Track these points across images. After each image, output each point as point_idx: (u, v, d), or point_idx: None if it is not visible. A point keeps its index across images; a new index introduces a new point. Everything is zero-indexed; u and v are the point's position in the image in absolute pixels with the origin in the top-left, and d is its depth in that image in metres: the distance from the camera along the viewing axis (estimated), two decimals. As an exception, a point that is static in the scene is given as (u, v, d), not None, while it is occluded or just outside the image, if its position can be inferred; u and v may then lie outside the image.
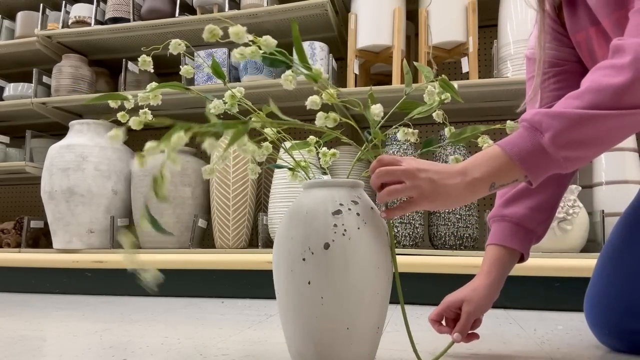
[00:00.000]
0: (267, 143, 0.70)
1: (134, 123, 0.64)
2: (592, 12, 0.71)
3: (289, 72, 0.61)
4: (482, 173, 0.60)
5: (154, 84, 0.66)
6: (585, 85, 0.59)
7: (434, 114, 0.71)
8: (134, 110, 0.67)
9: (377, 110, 0.63)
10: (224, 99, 0.67)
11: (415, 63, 0.76)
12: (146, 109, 0.66)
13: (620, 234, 0.79)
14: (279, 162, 0.75)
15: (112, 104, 0.66)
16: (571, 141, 0.57)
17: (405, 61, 0.71)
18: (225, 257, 1.47)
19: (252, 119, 0.59)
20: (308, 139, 0.74)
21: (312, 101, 0.62)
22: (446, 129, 0.72)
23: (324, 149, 0.75)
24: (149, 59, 0.65)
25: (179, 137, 0.50)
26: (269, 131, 0.69)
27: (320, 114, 0.62)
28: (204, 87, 1.67)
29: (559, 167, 0.59)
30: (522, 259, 0.81)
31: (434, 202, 0.61)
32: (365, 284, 0.61)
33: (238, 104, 0.67)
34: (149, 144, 0.51)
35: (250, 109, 0.65)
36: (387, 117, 0.74)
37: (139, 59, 0.66)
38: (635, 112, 0.56)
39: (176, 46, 0.63)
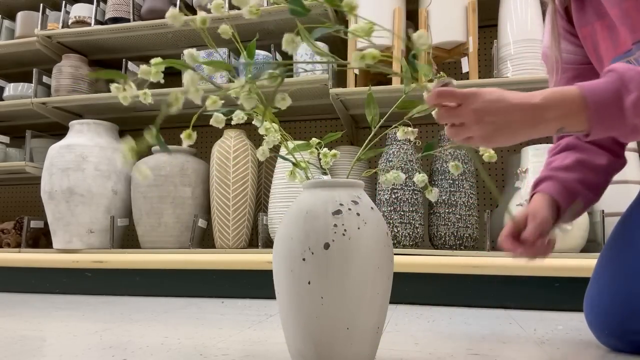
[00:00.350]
0: (269, 138, 0.70)
1: (153, 74, 0.62)
2: (600, 5, 0.71)
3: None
4: (555, 116, 0.57)
5: (158, 59, 0.64)
6: None
7: (433, 113, 0.71)
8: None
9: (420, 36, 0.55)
10: (227, 97, 0.67)
11: (414, 62, 0.76)
12: (147, 90, 0.66)
13: (620, 234, 0.79)
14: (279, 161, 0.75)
15: (119, 96, 0.64)
16: None
17: (404, 59, 0.71)
18: (225, 257, 1.47)
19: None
20: (310, 141, 0.74)
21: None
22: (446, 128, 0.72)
23: (325, 149, 0.75)
24: (160, 68, 0.64)
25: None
26: (272, 131, 0.69)
27: (355, 54, 0.57)
28: (204, 87, 1.67)
29: (623, 132, 0.58)
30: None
31: (493, 143, 0.59)
32: (365, 284, 0.61)
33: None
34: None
35: (259, 99, 0.65)
36: (386, 116, 0.74)
37: (150, 66, 0.64)
38: None
39: (213, 102, 0.62)
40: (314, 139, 0.75)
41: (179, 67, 0.62)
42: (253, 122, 0.69)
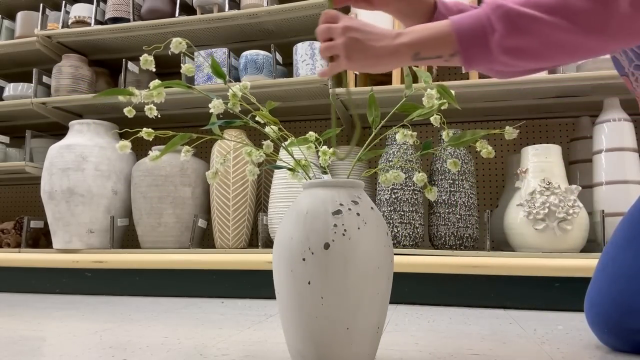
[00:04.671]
0: (268, 142, 0.70)
1: (146, 134, 0.64)
2: None
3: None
4: (411, 39, 0.60)
5: (157, 81, 0.66)
6: None
7: (431, 118, 0.71)
8: (136, 110, 0.67)
9: None
10: (227, 97, 0.67)
11: (414, 68, 0.76)
12: (152, 105, 0.66)
13: (623, 233, 0.79)
14: (279, 162, 0.75)
15: (122, 98, 0.65)
16: (513, 48, 0.56)
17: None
18: (225, 257, 1.47)
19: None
20: (307, 135, 0.74)
21: None
22: (443, 133, 0.72)
23: (324, 147, 0.75)
24: (151, 58, 0.65)
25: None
26: (270, 130, 0.69)
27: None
28: (204, 87, 1.67)
29: (493, 69, 0.59)
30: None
31: (354, 62, 0.61)
32: (365, 284, 0.61)
33: (240, 104, 0.66)
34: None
35: (251, 108, 0.65)
36: (387, 117, 0.74)
37: (141, 58, 0.66)
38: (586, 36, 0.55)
39: (177, 45, 0.63)
40: (311, 132, 0.74)
41: (179, 87, 0.62)
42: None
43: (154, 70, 0.68)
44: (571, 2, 0.55)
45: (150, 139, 0.64)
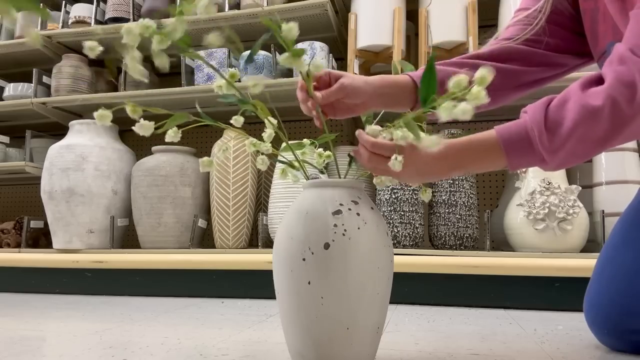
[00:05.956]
0: (269, 132, 0.69)
1: (144, 129, 0.63)
2: None
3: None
4: (465, 170, 0.64)
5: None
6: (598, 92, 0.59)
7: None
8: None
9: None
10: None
11: (399, 61, 0.77)
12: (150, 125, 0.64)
13: (620, 233, 0.79)
14: (280, 158, 0.74)
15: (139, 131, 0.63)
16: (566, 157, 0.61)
17: (393, 63, 0.72)
18: (225, 257, 1.47)
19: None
20: (303, 141, 0.74)
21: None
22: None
23: (320, 150, 0.75)
24: (151, 124, 0.63)
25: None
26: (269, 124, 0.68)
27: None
28: (204, 87, 1.67)
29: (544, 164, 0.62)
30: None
31: (415, 182, 0.65)
32: (365, 284, 0.61)
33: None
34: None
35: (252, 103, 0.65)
36: (379, 117, 0.74)
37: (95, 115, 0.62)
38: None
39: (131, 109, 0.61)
40: (306, 140, 0.74)
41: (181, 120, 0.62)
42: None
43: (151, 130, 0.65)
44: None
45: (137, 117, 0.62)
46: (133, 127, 0.60)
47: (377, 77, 0.74)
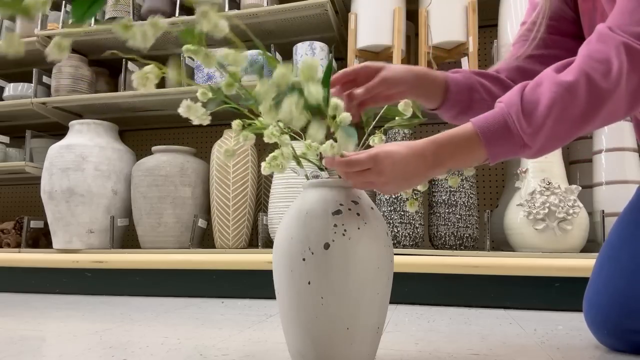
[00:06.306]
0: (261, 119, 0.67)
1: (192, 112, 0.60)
2: None
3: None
4: (444, 168, 0.61)
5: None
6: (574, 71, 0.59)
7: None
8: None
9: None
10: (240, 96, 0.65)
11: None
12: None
13: (618, 233, 0.79)
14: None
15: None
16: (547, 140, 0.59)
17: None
18: (225, 257, 1.47)
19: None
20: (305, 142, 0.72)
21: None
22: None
23: (308, 141, 0.72)
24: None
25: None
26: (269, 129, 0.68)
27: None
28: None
29: (523, 152, 0.61)
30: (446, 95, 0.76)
31: (395, 190, 0.62)
32: (365, 284, 0.61)
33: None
34: None
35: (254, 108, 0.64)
36: (377, 118, 0.74)
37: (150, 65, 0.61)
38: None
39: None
40: (308, 141, 0.73)
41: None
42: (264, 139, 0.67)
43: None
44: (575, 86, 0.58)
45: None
46: (179, 111, 0.57)
47: (419, 68, 0.74)
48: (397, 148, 0.60)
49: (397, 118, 0.74)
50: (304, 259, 0.60)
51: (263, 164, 0.68)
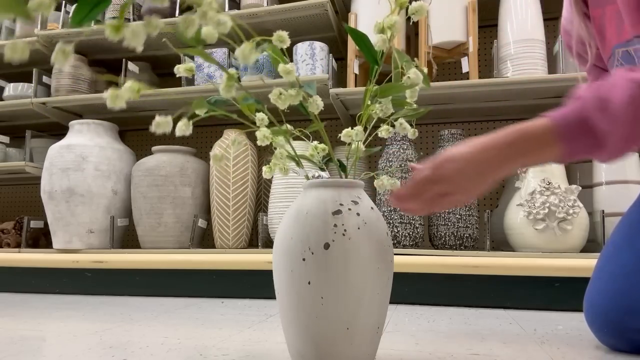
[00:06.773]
0: (260, 114, 0.68)
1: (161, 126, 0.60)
2: None
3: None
4: (518, 161, 0.57)
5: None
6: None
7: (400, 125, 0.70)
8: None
9: None
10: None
11: (395, 50, 0.76)
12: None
13: (622, 233, 0.79)
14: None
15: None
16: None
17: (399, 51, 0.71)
18: (225, 257, 1.47)
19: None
20: (311, 144, 0.73)
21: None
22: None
23: (314, 142, 0.73)
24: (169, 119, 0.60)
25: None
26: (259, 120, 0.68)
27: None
28: (204, 87, 1.67)
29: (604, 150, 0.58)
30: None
31: (473, 193, 0.58)
32: (365, 284, 0.61)
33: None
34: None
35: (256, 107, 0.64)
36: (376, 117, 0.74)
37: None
38: None
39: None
40: (315, 142, 0.73)
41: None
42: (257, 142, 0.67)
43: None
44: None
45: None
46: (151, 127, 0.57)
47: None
48: (457, 148, 0.56)
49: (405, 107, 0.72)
50: (304, 259, 0.60)
51: (264, 168, 0.69)
